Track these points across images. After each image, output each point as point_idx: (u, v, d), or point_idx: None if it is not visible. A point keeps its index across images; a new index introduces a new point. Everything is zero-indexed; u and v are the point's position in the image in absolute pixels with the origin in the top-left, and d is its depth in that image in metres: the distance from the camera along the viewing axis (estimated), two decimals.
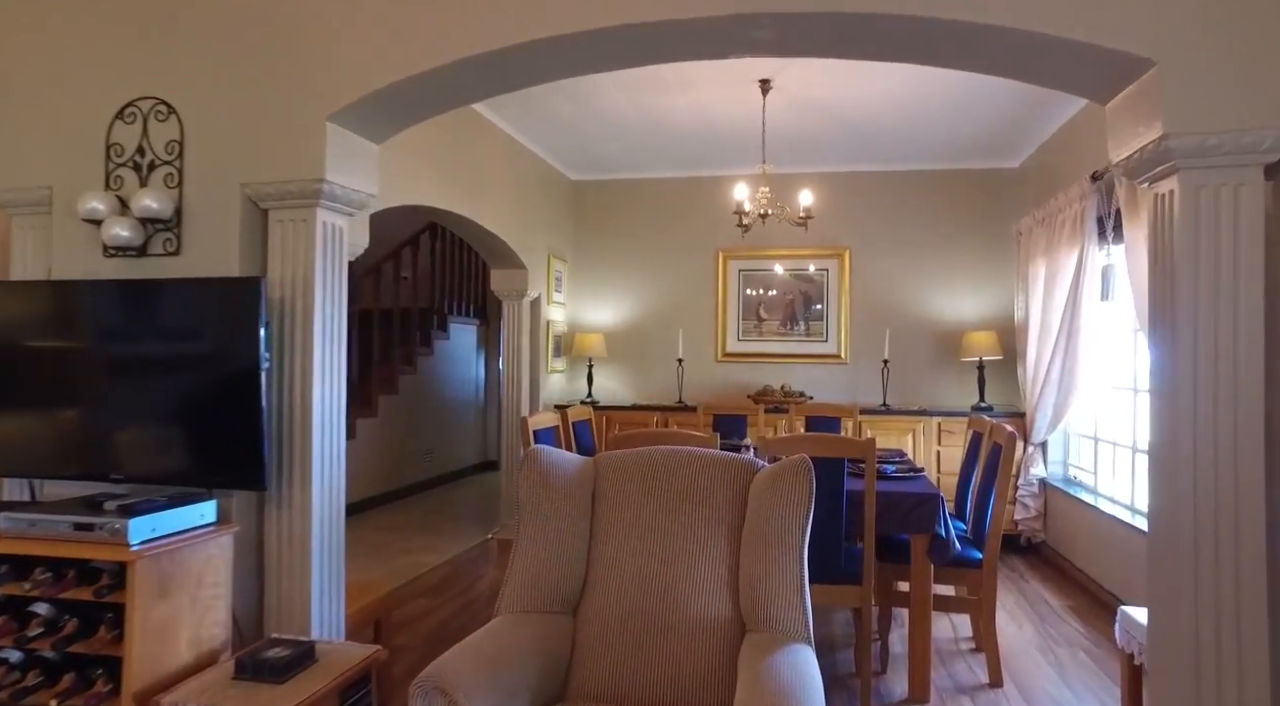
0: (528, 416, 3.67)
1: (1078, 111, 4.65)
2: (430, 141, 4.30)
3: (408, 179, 4.05)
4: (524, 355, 5.75)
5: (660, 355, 6.42)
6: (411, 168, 4.10)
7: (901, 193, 6.07)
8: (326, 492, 2.42)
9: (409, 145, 4.05)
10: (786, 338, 6.24)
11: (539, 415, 3.83)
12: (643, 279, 6.50)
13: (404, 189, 4.02)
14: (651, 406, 5.91)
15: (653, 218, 6.49)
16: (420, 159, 4.20)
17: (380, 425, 6.68)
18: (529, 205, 5.74)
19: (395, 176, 3.92)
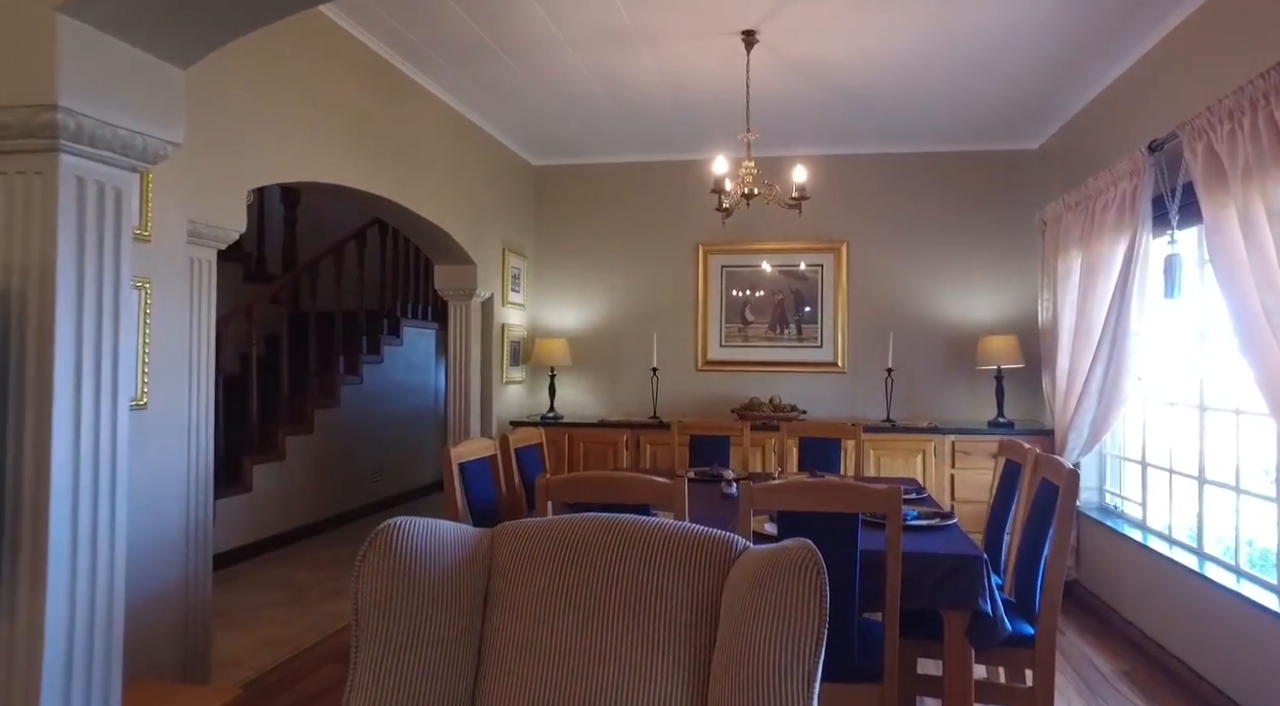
0: (452, 446, 2.90)
1: (1115, 79, 3.95)
2: (346, 105, 3.52)
3: (309, 147, 3.27)
4: (473, 364, 4.98)
5: (633, 363, 5.66)
6: (316, 134, 3.32)
7: (906, 178, 5.34)
8: (81, 596, 1.58)
9: (313, 104, 3.28)
10: (776, 343, 5.50)
11: (467, 444, 3.06)
12: (613, 277, 5.74)
13: (303, 161, 3.24)
14: (621, 423, 5.14)
15: (624, 207, 5.74)
16: (331, 125, 3.42)
17: (315, 443, 5.88)
18: (479, 192, 4.97)
19: (289, 143, 3.15)
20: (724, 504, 2.98)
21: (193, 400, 2.68)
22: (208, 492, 2.77)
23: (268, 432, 5.49)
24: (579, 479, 2.17)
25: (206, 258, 2.76)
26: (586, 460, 5.10)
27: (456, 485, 2.87)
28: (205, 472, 2.76)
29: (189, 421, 2.66)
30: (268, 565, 5.06)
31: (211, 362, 2.79)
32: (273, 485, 5.42)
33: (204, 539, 2.75)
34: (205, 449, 2.76)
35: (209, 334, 2.77)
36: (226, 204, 2.81)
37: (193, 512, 2.69)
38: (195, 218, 2.64)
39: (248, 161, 2.91)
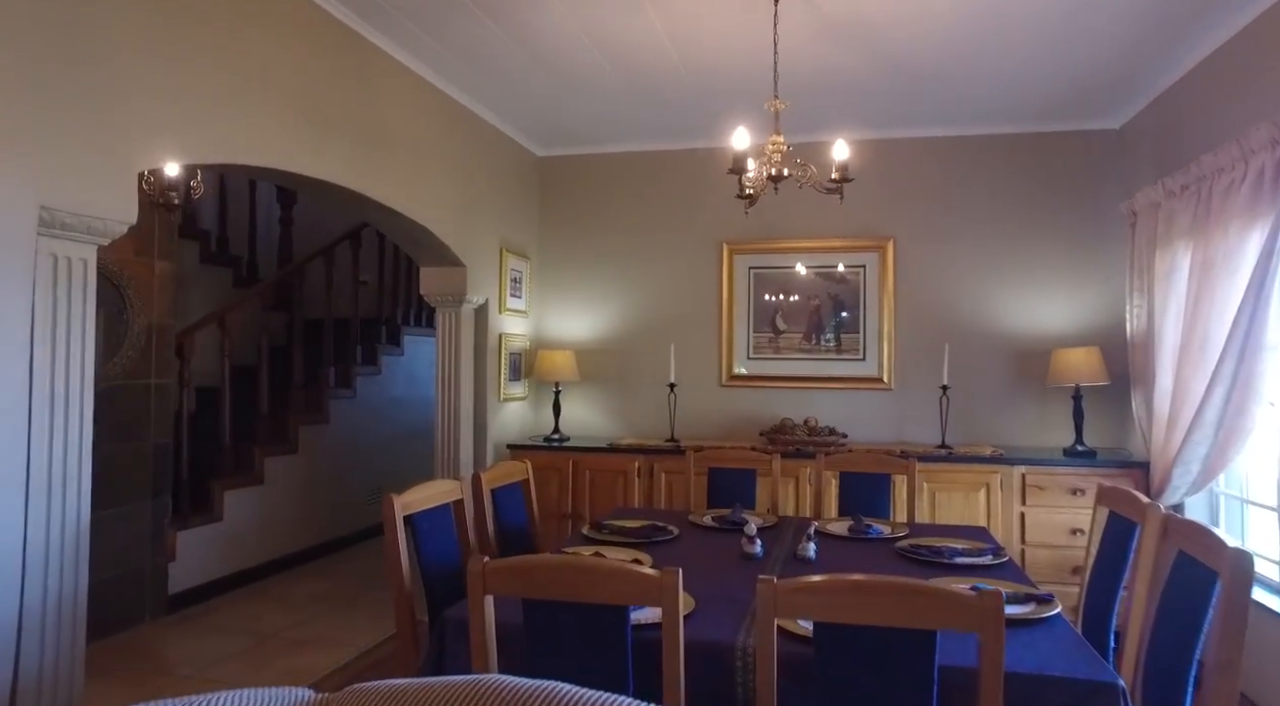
0: (396, 495, 2.27)
1: (1223, 43, 3.21)
2: (287, 74, 2.93)
3: (234, 123, 2.68)
4: (464, 379, 4.37)
5: (648, 379, 5.01)
6: (245, 107, 2.73)
7: (963, 164, 4.61)
8: None
9: (238, 70, 2.68)
10: (812, 355, 4.80)
11: (420, 489, 2.43)
12: (626, 281, 5.10)
13: (224, 138, 2.64)
14: (632, 448, 4.48)
15: (639, 202, 5.09)
16: (266, 97, 2.83)
17: (300, 464, 5.33)
18: (471, 184, 4.37)
19: (205, 116, 2.56)
20: (743, 571, 2.31)
21: (47, 442, 2.09)
22: (77, 559, 2.18)
23: (243, 454, 4.94)
24: (526, 566, 1.51)
25: (81, 255, 2.17)
26: (593, 491, 4.45)
27: (402, 545, 2.25)
28: (75, 534, 2.17)
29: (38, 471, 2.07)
30: (235, 604, 4.50)
31: (88, 390, 2.20)
32: (248, 513, 4.87)
33: (71, 621, 2.16)
34: (76, 502, 2.17)
35: (83, 353, 2.19)
36: (107, 188, 2.22)
37: (53, 590, 2.10)
38: (53, 204, 2.05)
39: (139, 136, 2.32)
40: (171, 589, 4.34)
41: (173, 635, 4.03)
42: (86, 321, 2.19)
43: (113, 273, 3.93)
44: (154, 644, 3.91)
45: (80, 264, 2.17)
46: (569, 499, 4.47)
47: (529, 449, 4.58)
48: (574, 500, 4.47)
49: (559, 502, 4.48)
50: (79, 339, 2.17)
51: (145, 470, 4.16)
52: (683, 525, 2.95)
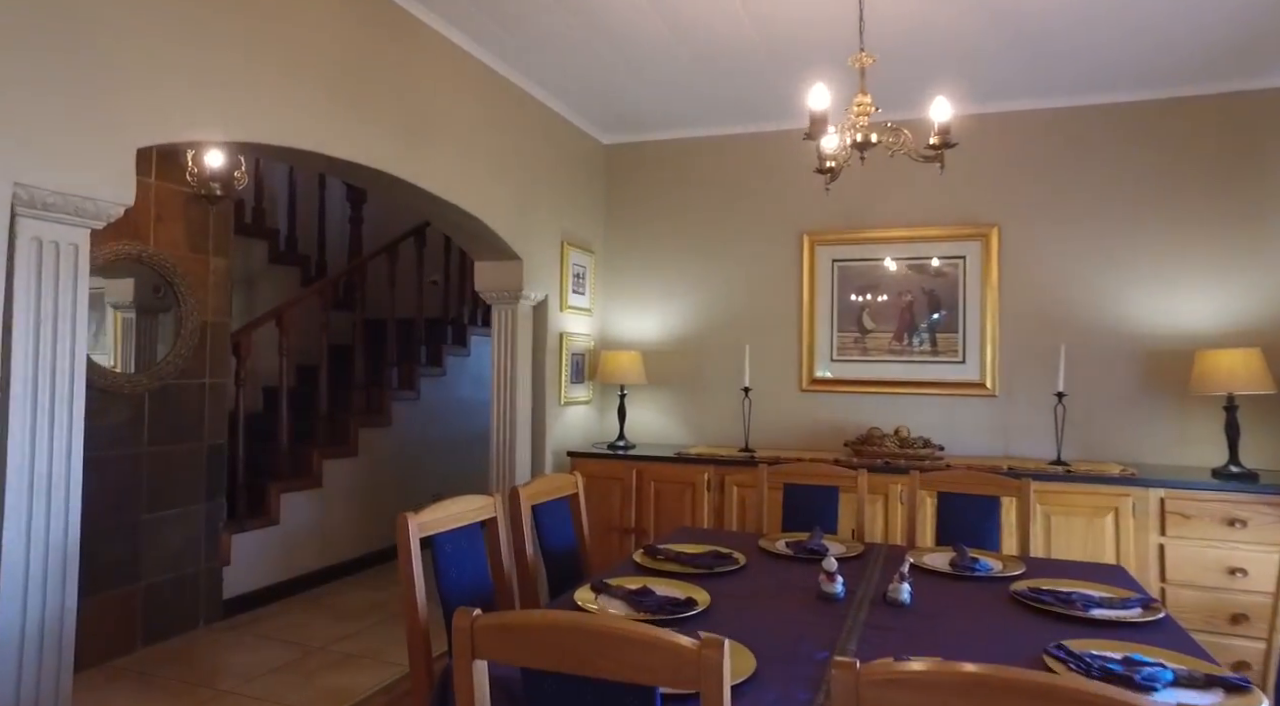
0: (412, 514, 1.97)
1: None
2: (321, 49, 2.69)
3: (253, 97, 2.44)
4: (521, 380, 4.08)
5: (720, 382, 4.61)
6: (267, 81, 2.50)
7: (1088, 138, 4.02)
8: None
9: (261, 39, 2.45)
10: (903, 357, 4.30)
11: (443, 506, 2.12)
12: (698, 276, 4.71)
13: (243, 114, 2.41)
14: (701, 458, 4.09)
15: (712, 191, 4.70)
16: (296, 72, 2.59)
17: (360, 467, 5.17)
18: (530, 173, 4.08)
19: (218, 88, 2.33)
20: (820, 617, 1.89)
21: (28, 446, 1.88)
22: (65, 576, 1.96)
23: (301, 456, 4.81)
24: (524, 624, 1.16)
25: (70, 239, 1.95)
26: (659, 503, 4.08)
27: (417, 571, 1.94)
28: (63, 549, 1.95)
29: (18, 479, 1.86)
30: (287, 611, 4.34)
31: (79, 387, 1.98)
32: (304, 517, 4.72)
33: (56, 646, 1.94)
34: (64, 513, 1.96)
35: (73, 346, 1.97)
36: (98, 166, 2.00)
37: (33, 611, 1.88)
38: (30, 181, 1.83)
39: (139, 110, 2.10)
40: (226, 593, 4.22)
41: (223, 642, 3.89)
42: (78, 312, 1.98)
43: (166, 269, 3.82)
44: (203, 651, 3.77)
45: (70, 249, 1.96)
46: (632, 512, 4.12)
47: (590, 456, 4.25)
48: (638, 514, 4.11)
49: (621, 515, 4.13)
50: (68, 331, 1.95)
51: (199, 471, 4.05)
52: (751, 551, 2.55)
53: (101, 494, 3.61)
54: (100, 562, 3.61)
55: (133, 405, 3.73)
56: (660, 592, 2.01)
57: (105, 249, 3.57)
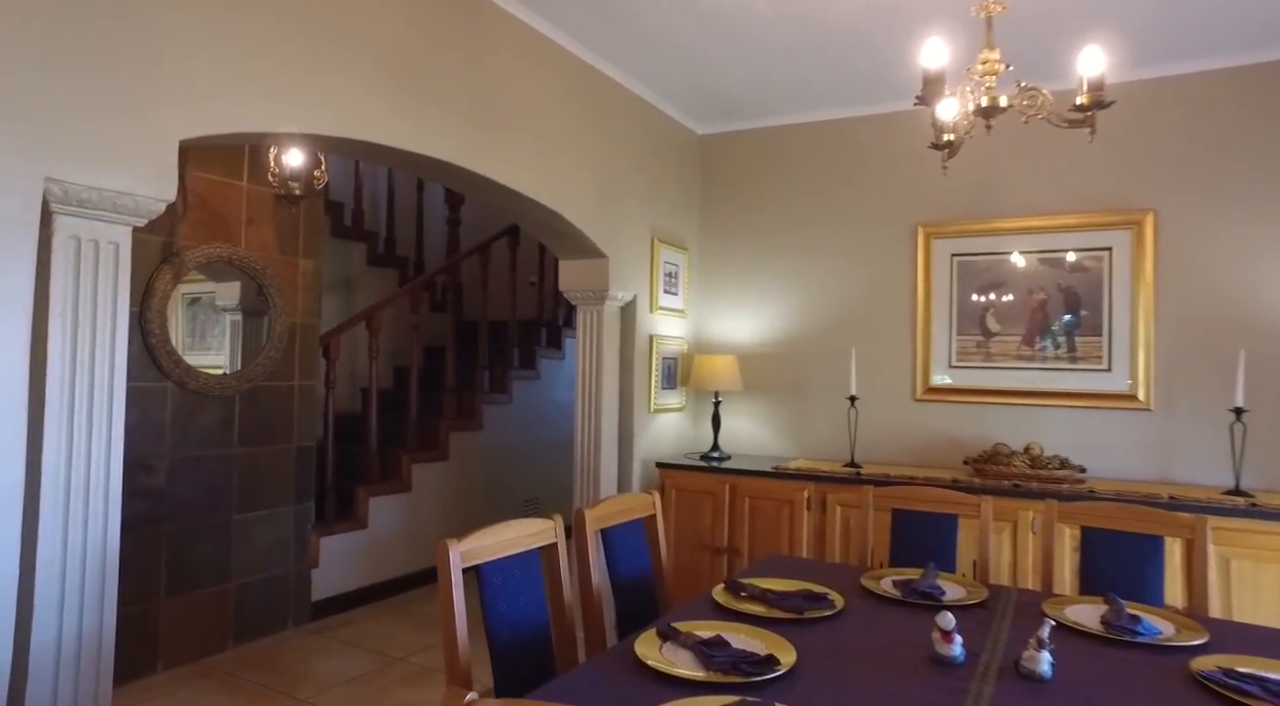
0: (455, 540, 1.75)
1: None
2: (384, 33, 2.54)
3: (310, 85, 2.31)
4: (607, 386, 3.86)
5: (824, 388, 4.22)
6: (325, 68, 2.36)
7: (1267, 105, 3.40)
8: None
9: (315, 23, 2.31)
10: (1034, 363, 3.78)
11: (493, 531, 1.89)
12: (800, 275, 4.34)
13: (298, 104, 2.27)
14: (801, 473, 3.72)
15: (815, 182, 4.32)
16: (356, 59, 2.45)
17: (450, 471, 5.10)
18: (617, 166, 3.84)
19: (272, 75, 2.20)
20: (932, 687, 1.53)
21: (64, 453, 1.78)
22: (103, 591, 1.86)
23: (390, 459, 4.77)
24: None
25: (110, 237, 1.85)
26: (754, 521, 3.75)
27: (458, 605, 1.72)
28: (101, 561, 1.85)
29: (53, 489, 1.76)
30: (373, 616, 4.29)
31: (118, 391, 1.88)
32: (393, 521, 4.68)
33: (94, 665, 1.84)
34: (102, 523, 1.85)
35: (112, 348, 1.86)
36: (136, 161, 1.89)
37: (69, 629, 1.78)
38: (63, 176, 1.73)
39: (180, 101, 1.98)
40: (315, 596, 4.21)
41: (308, 646, 3.86)
42: (118, 313, 1.87)
43: (255, 271, 3.82)
44: (289, 655, 3.75)
45: (110, 248, 1.85)
46: (724, 530, 3.80)
47: (681, 468, 3.97)
48: (731, 532, 3.79)
49: (712, 533, 3.83)
50: (107, 333, 1.85)
51: (288, 473, 4.04)
52: (851, 590, 2.20)
53: (194, 494, 3.63)
54: (193, 561, 3.64)
55: (224, 407, 3.75)
56: (737, 644, 1.71)
57: (198, 252, 3.59)
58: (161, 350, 3.46)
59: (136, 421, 3.41)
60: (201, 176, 3.63)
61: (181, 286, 3.80)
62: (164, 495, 3.51)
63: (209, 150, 3.64)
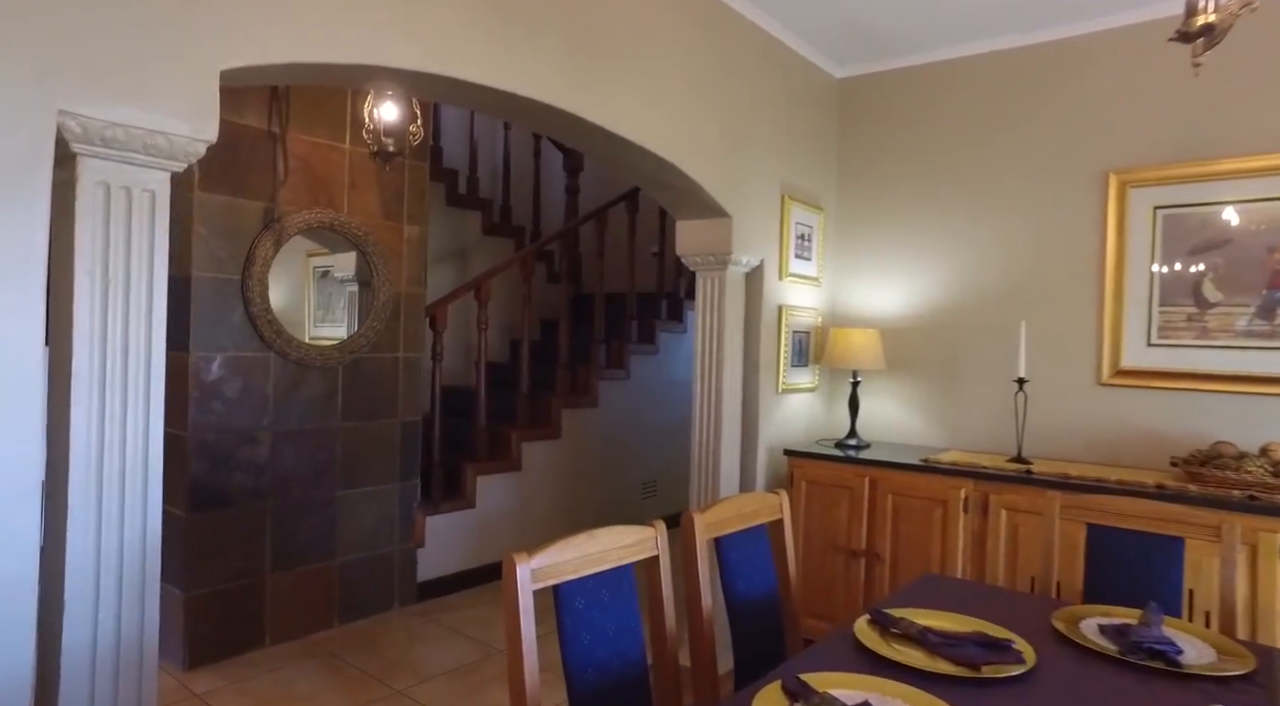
0: (524, 555, 1.39)
1: None
2: None
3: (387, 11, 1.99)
4: (729, 362, 3.42)
5: (983, 368, 3.60)
6: None
7: None
8: None
9: None
10: (1268, 342, 3.01)
11: (582, 540, 1.51)
12: (955, 236, 3.72)
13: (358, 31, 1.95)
14: (957, 468, 3.15)
15: (975, 127, 3.66)
16: None
17: (563, 450, 4.83)
18: (738, 111, 3.37)
19: None
20: None
21: (96, 431, 1.55)
22: (144, 585, 1.63)
23: (499, 436, 4.55)
24: None
25: (145, 184, 1.60)
26: (897, 522, 3.22)
27: (528, 636, 1.36)
28: (140, 551, 1.63)
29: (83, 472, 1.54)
30: (478, 601, 4.10)
31: (157, 361, 1.64)
32: (502, 501, 4.47)
33: (136, 669, 1.62)
34: (141, 510, 1.63)
35: (149, 312, 1.62)
36: (170, 94, 1.61)
37: (106, 629, 1.57)
38: (80, 110, 1.48)
39: (220, 25, 1.69)
40: (420, 576, 4.06)
41: (412, 630, 3.70)
42: (155, 272, 1.62)
43: (357, 237, 3.65)
44: (391, 638, 3.60)
45: (145, 197, 1.60)
46: (862, 530, 3.30)
47: (813, 457, 3.49)
48: (869, 534, 3.28)
49: (849, 534, 3.33)
50: (143, 294, 1.61)
51: (393, 449, 3.88)
52: (1041, 633, 1.68)
53: (298, 468, 3.52)
54: (298, 537, 3.54)
55: (326, 379, 3.60)
56: None
57: (299, 217, 3.43)
58: (263, 319, 3.33)
59: (239, 393, 3.31)
60: (303, 139, 3.46)
61: (312, 260, 3.75)
62: (267, 469, 3.41)
63: (310, 110, 3.46)
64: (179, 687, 3.08)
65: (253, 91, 3.28)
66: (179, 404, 3.20)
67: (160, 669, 3.22)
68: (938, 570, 3.08)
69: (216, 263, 3.22)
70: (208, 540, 3.25)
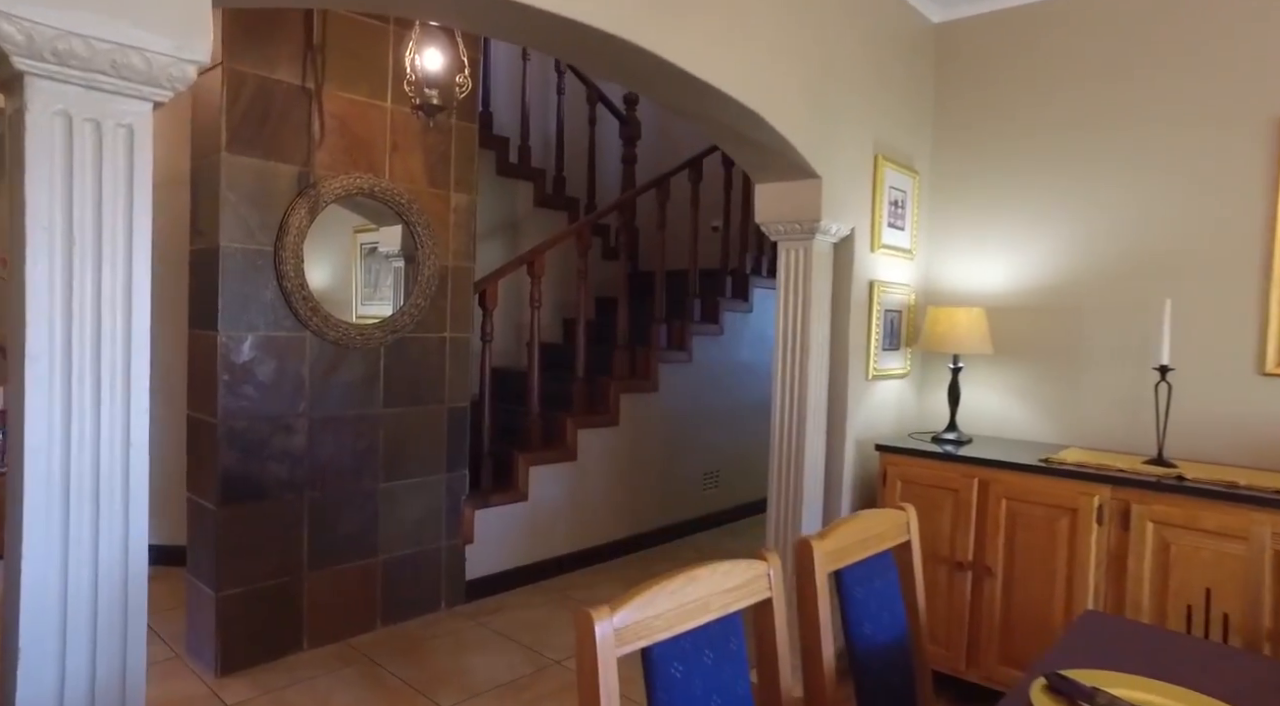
0: (600, 609, 1.02)
1: None
2: None
3: None
4: (814, 344, 3.01)
5: (1111, 353, 3.11)
6: None
7: None
8: None
9: None
10: None
11: (676, 586, 1.13)
12: (1074, 200, 3.21)
13: None
14: (1086, 470, 2.68)
15: (1098, 71, 3.14)
16: None
17: (621, 438, 4.48)
18: (829, 54, 2.92)
19: None
20: None
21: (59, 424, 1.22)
22: (126, 616, 1.31)
23: (554, 423, 4.21)
24: None
25: (118, 117, 1.25)
26: (1013, 535, 2.78)
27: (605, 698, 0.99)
28: (124, 579, 1.30)
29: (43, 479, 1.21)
30: (530, 602, 3.78)
31: (139, 339, 1.31)
32: (556, 493, 4.13)
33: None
34: (122, 525, 1.30)
35: (129, 278, 1.28)
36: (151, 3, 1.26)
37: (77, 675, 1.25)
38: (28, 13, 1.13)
39: None
40: (469, 574, 3.76)
41: (460, 634, 3.40)
42: (136, 230, 1.29)
43: (400, 205, 3.31)
44: (438, 644, 3.30)
45: (119, 133, 1.26)
46: (969, 539, 2.86)
47: (908, 453, 3.05)
48: (977, 543, 2.84)
49: (953, 543, 2.90)
50: (120, 257, 1.27)
51: (439, 438, 3.57)
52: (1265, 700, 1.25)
53: (337, 458, 3.23)
54: (337, 532, 3.25)
55: (367, 361, 3.30)
56: None
57: (335, 183, 3.11)
58: (298, 295, 3.03)
59: (273, 376, 3.02)
60: (341, 96, 3.13)
61: (359, 236, 3.50)
62: (303, 458, 3.12)
63: (349, 64, 3.13)
64: (210, 697, 2.82)
65: (284, 42, 2.95)
66: (208, 388, 2.92)
67: (193, 674, 2.98)
68: (1064, 591, 2.63)
69: (247, 232, 2.92)
70: (241, 535, 2.98)
